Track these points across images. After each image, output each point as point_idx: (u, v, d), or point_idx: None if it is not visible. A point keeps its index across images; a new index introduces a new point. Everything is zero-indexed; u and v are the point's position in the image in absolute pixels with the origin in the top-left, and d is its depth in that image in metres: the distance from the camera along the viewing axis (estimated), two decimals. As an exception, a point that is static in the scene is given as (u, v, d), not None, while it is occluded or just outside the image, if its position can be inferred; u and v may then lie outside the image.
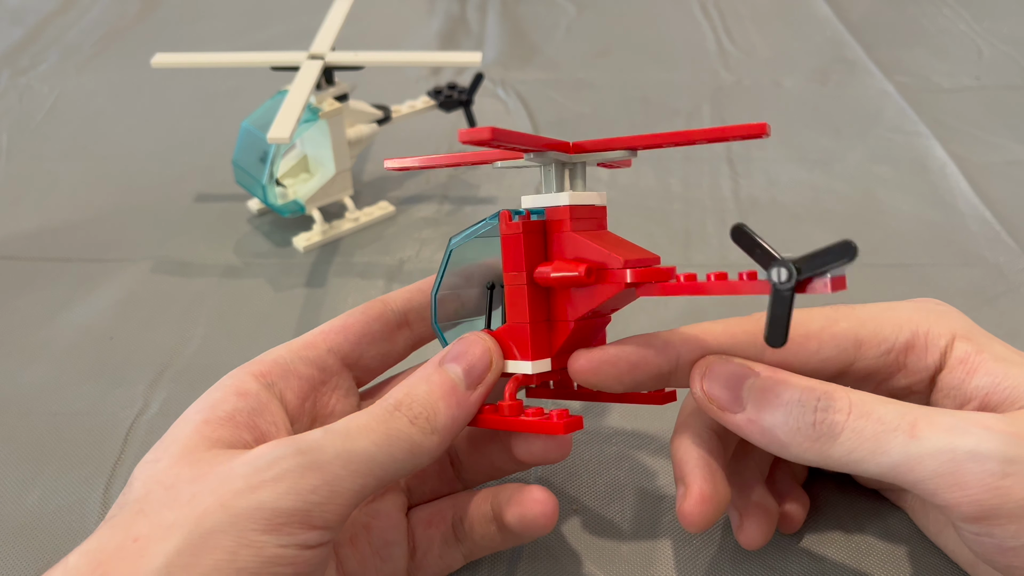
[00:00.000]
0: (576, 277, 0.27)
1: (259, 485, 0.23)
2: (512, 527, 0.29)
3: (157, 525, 0.23)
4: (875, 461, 0.24)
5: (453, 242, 0.31)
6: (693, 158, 0.60)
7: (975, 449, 0.23)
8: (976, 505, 0.23)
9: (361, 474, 0.24)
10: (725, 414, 0.27)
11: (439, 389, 0.27)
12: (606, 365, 0.28)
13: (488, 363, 0.28)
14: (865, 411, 0.25)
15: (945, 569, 0.32)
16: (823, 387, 0.26)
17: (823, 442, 0.25)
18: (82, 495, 0.36)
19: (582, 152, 0.29)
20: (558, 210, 0.28)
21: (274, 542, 0.22)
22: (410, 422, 0.26)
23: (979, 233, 0.52)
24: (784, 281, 0.23)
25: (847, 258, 0.22)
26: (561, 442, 0.29)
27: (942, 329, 0.28)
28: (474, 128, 0.24)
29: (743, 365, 0.27)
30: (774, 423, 0.26)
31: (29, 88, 0.72)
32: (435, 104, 0.58)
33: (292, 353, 0.30)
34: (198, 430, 0.26)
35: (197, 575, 0.22)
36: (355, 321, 0.31)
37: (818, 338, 0.28)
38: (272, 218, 0.54)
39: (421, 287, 0.33)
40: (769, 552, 0.33)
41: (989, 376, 0.26)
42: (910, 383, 0.28)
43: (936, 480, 0.23)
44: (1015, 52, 0.75)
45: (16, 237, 0.53)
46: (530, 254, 0.28)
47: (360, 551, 0.30)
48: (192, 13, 0.86)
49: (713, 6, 0.85)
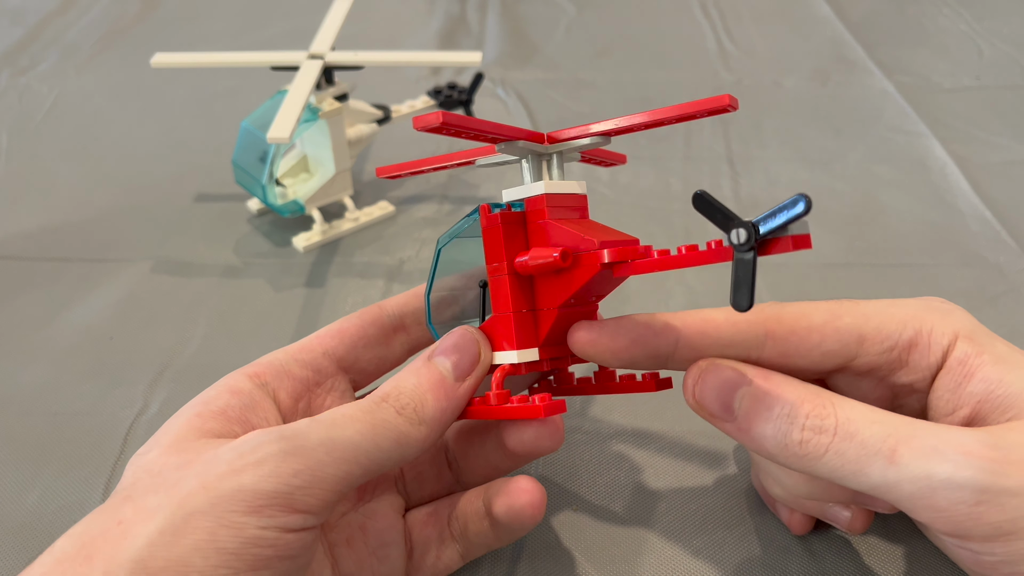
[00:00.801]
0: (553, 261, 0.27)
1: (241, 468, 0.23)
2: (501, 519, 0.29)
3: (141, 508, 0.23)
4: (856, 481, 0.25)
5: (441, 242, 0.31)
6: (693, 158, 0.60)
7: (950, 477, 0.24)
8: (951, 525, 0.24)
9: (346, 461, 0.24)
10: (717, 422, 0.27)
11: (428, 381, 0.27)
12: (604, 338, 0.28)
13: (476, 355, 0.28)
14: (849, 433, 0.25)
15: (945, 569, 0.32)
16: (813, 399, 0.26)
17: (808, 460, 0.26)
18: (82, 495, 0.36)
19: (555, 141, 0.29)
20: (535, 200, 0.29)
21: (255, 523, 0.23)
22: (397, 412, 0.26)
23: (979, 233, 0.52)
24: (744, 242, 0.23)
25: (802, 209, 0.22)
26: (552, 429, 0.29)
27: (945, 328, 0.28)
28: (426, 115, 0.26)
29: (736, 372, 0.27)
30: (763, 436, 0.26)
31: (29, 88, 0.72)
32: (435, 104, 0.58)
33: (287, 355, 0.30)
34: (189, 422, 0.26)
35: (178, 554, 0.22)
36: (351, 325, 0.32)
37: (821, 331, 0.28)
38: (272, 218, 0.54)
39: (418, 292, 0.33)
40: (769, 552, 0.33)
41: (984, 382, 0.27)
42: (911, 380, 0.28)
43: (912, 502, 0.24)
44: (1015, 52, 0.75)
45: (16, 237, 0.53)
46: (510, 245, 0.28)
47: (356, 552, 0.30)
48: (192, 13, 0.86)
49: (713, 6, 0.85)
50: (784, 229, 0.23)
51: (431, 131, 0.26)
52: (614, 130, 0.28)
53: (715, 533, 0.34)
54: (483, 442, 0.32)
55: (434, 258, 0.31)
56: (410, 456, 0.26)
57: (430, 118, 0.25)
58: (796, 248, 0.23)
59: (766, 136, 0.63)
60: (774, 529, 0.34)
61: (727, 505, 0.35)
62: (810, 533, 0.33)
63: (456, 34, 0.81)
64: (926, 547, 0.32)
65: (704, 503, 0.35)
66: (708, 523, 0.34)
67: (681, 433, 0.38)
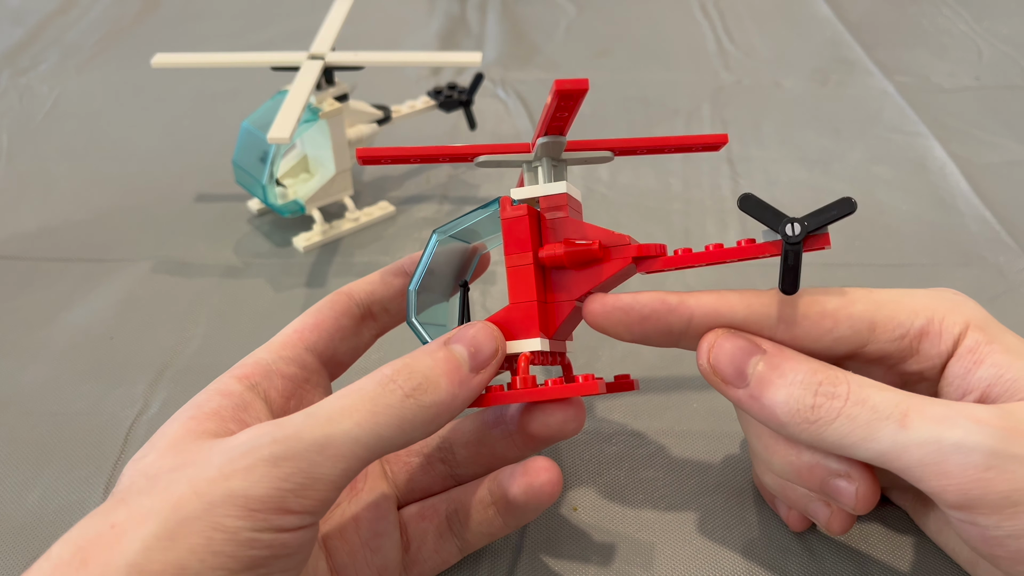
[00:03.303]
0: (591, 250, 0.29)
1: (231, 474, 0.23)
2: (518, 499, 0.29)
3: (135, 512, 0.23)
4: (865, 447, 0.25)
5: (437, 234, 0.32)
6: (693, 158, 0.60)
7: (961, 441, 0.24)
8: (960, 494, 0.24)
9: (342, 458, 0.24)
10: (728, 388, 0.28)
11: (443, 365, 0.27)
12: (618, 311, 0.28)
13: (495, 348, 0.28)
14: (861, 398, 0.26)
15: (945, 569, 0.32)
16: (825, 370, 0.27)
17: (819, 425, 0.26)
18: (82, 495, 0.36)
19: (566, 151, 0.31)
20: (557, 198, 0.30)
21: (249, 527, 0.23)
22: (404, 395, 0.25)
23: (979, 233, 0.52)
24: (796, 235, 0.26)
25: (848, 211, 0.26)
26: (578, 410, 0.29)
27: (957, 317, 0.28)
28: (374, 147, 0.29)
29: (751, 340, 0.28)
30: (775, 401, 0.27)
31: (29, 88, 0.72)
32: (435, 104, 0.58)
33: (272, 354, 0.30)
34: (184, 425, 0.26)
35: (174, 557, 0.22)
36: (326, 318, 0.31)
37: (833, 317, 0.28)
38: (272, 218, 0.54)
39: (384, 278, 0.33)
40: (769, 551, 0.33)
41: (994, 367, 0.27)
42: (921, 369, 0.28)
43: (922, 468, 0.24)
44: (1015, 52, 0.75)
45: (16, 237, 0.53)
46: (535, 236, 0.30)
47: (349, 543, 0.30)
48: (192, 13, 0.86)
49: (713, 6, 0.85)
50: (824, 227, 0.26)
51: (370, 163, 0.30)
52: (620, 149, 0.31)
53: (715, 533, 0.34)
54: (491, 433, 0.32)
55: (427, 250, 0.31)
56: (415, 440, 0.26)
57: (374, 152, 0.30)
58: (823, 246, 0.27)
59: (765, 136, 0.63)
60: (774, 529, 0.34)
61: (727, 505, 0.35)
62: (810, 533, 0.33)
63: (456, 34, 0.81)
64: (926, 547, 0.33)
65: (704, 503, 0.35)
66: (708, 523, 0.34)
67: (681, 433, 0.38)
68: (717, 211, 0.54)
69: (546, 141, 0.29)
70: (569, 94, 0.26)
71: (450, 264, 0.33)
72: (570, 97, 0.27)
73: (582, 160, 0.31)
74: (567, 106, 0.27)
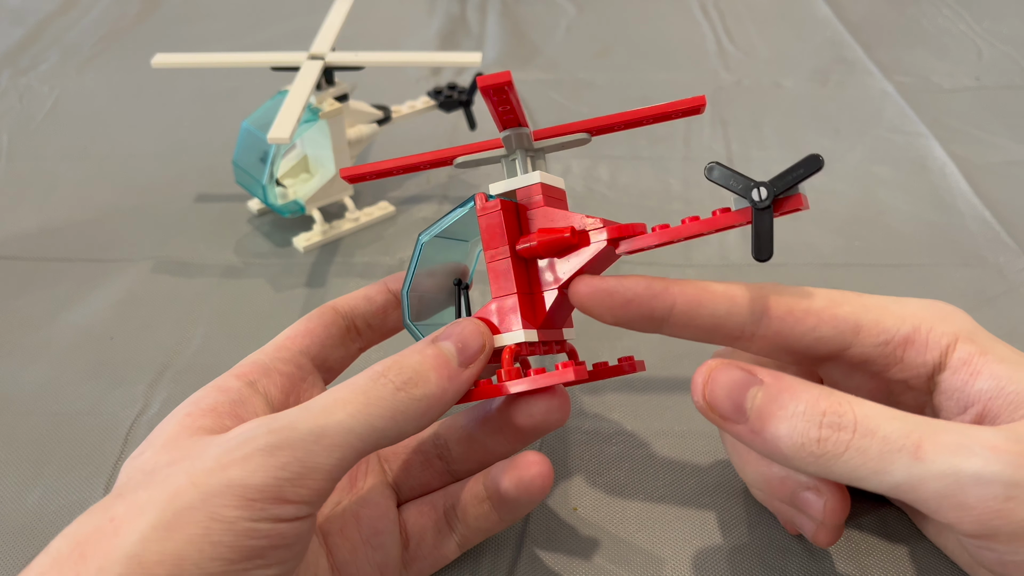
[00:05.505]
0: (563, 237, 0.29)
1: (229, 464, 0.23)
2: (509, 494, 0.29)
3: (132, 505, 0.23)
4: (878, 480, 0.24)
5: (422, 238, 0.32)
6: (693, 158, 0.60)
7: (979, 473, 0.23)
8: (979, 525, 0.23)
9: (338, 447, 0.24)
10: (727, 424, 0.26)
11: (432, 360, 0.27)
12: (602, 293, 0.28)
13: (482, 344, 0.28)
14: (870, 429, 0.24)
15: (945, 569, 0.32)
16: (828, 398, 0.25)
17: (827, 459, 0.24)
18: (82, 495, 0.36)
19: (540, 139, 0.31)
20: (531, 188, 0.30)
21: (246, 517, 0.23)
22: (396, 389, 0.26)
23: (979, 233, 0.52)
24: (764, 199, 0.26)
25: (815, 168, 0.25)
26: (561, 400, 0.29)
27: (945, 329, 0.28)
28: (356, 166, 0.30)
29: (747, 371, 0.26)
30: (777, 435, 0.25)
31: (29, 88, 0.72)
32: (435, 104, 0.58)
33: (268, 356, 0.30)
34: (181, 422, 0.27)
35: (172, 548, 0.22)
36: (316, 326, 0.32)
37: (818, 316, 0.28)
38: (272, 218, 0.54)
39: (367, 294, 0.34)
40: (769, 552, 0.33)
41: (993, 379, 0.26)
42: (906, 378, 0.28)
43: (939, 501, 0.23)
44: (1015, 52, 0.75)
45: (16, 237, 0.53)
46: (510, 230, 0.29)
47: (350, 540, 0.30)
48: (192, 13, 0.86)
49: (713, 6, 0.85)
50: (794, 188, 0.26)
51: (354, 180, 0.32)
52: (596, 128, 0.31)
53: (715, 533, 0.34)
54: (482, 429, 0.32)
55: (414, 254, 0.32)
56: (407, 433, 0.26)
57: (356, 169, 0.31)
58: (797, 207, 0.26)
59: (766, 136, 0.63)
60: (774, 529, 0.34)
61: (727, 505, 0.35)
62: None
63: (456, 34, 0.81)
64: (926, 547, 0.33)
65: (704, 503, 0.35)
66: (708, 523, 0.34)
67: (681, 433, 0.38)
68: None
69: (508, 134, 0.30)
70: (491, 89, 0.27)
71: (450, 265, 0.33)
72: (496, 91, 0.27)
73: (558, 146, 0.31)
74: (501, 99, 0.27)
